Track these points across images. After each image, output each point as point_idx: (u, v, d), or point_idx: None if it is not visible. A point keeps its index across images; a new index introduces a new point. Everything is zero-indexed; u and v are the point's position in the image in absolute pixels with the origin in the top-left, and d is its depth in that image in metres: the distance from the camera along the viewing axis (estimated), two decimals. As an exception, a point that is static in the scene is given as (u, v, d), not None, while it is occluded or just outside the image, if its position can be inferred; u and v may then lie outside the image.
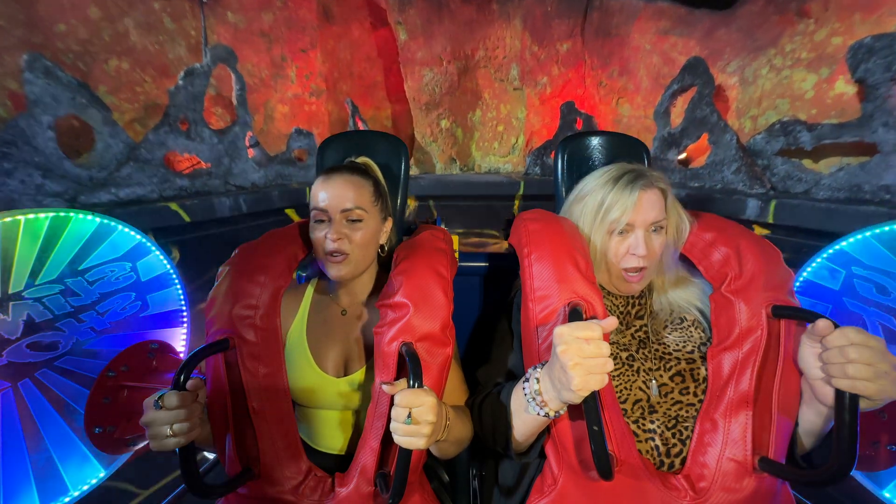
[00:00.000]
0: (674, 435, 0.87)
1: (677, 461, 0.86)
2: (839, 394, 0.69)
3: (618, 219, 0.93)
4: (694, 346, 0.92)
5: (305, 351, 1.00)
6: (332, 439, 0.99)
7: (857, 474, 1.16)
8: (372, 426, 0.88)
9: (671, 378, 0.90)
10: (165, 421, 0.76)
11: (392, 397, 0.74)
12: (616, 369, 0.91)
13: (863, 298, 1.26)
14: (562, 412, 0.77)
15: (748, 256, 0.91)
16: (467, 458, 1.12)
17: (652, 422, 0.88)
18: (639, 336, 0.95)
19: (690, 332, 0.94)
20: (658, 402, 0.88)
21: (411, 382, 0.75)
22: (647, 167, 1.01)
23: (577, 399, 0.69)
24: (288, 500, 0.89)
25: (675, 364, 0.91)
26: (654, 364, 0.91)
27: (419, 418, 0.72)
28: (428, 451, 0.91)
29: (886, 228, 1.21)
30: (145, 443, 1.20)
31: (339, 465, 0.97)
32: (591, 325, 0.69)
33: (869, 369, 0.67)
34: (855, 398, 0.68)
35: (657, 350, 0.93)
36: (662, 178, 0.97)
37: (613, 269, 0.96)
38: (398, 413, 0.72)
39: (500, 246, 2.82)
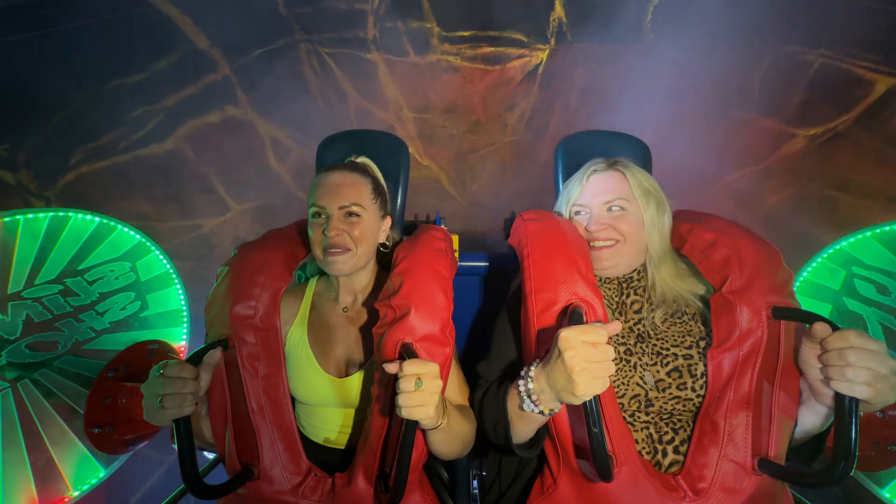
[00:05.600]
0: (667, 424, 0.86)
1: (670, 448, 0.85)
2: (839, 396, 0.68)
3: (569, 199, 1.02)
4: (693, 342, 0.90)
5: (308, 351, 0.98)
6: (333, 435, 0.98)
7: (857, 474, 1.15)
8: (372, 426, 0.86)
9: (668, 374, 0.88)
10: (160, 389, 0.73)
11: (394, 398, 0.72)
12: (613, 360, 0.90)
13: (863, 298, 1.24)
14: (556, 409, 0.76)
15: (748, 257, 0.89)
16: (467, 457, 1.10)
17: (647, 414, 0.87)
18: (637, 329, 0.94)
19: (690, 325, 0.93)
20: (656, 397, 0.87)
21: None
22: (623, 157, 1.03)
23: (577, 401, 0.68)
24: (288, 501, 0.87)
25: (672, 360, 0.89)
26: (651, 359, 0.90)
27: (428, 383, 0.71)
28: (429, 450, 0.89)
29: (887, 228, 1.19)
30: (145, 443, 1.18)
31: (339, 460, 0.96)
32: (597, 328, 0.68)
33: (868, 373, 0.66)
34: (855, 401, 0.67)
35: (654, 345, 0.91)
36: (629, 164, 1.00)
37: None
38: (407, 382, 0.71)
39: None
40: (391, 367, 0.74)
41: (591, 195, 0.98)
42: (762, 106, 2.60)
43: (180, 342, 1.47)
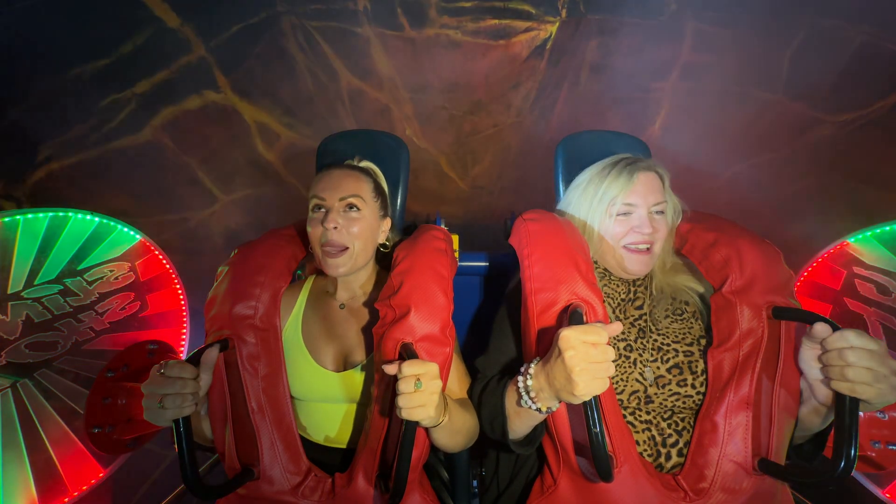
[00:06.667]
0: (669, 426, 0.92)
1: (673, 451, 0.90)
2: (839, 396, 0.73)
3: (615, 198, 0.99)
4: (693, 339, 0.97)
5: (301, 345, 1.05)
6: (333, 433, 1.04)
7: (856, 474, 1.22)
8: (372, 426, 0.92)
9: (668, 370, 0.94)
10: (160, 389, 0.79)
11: (394, 398, 0.78)
12: (613, 360, 0.95)
13: (863, 298, 1.30)
14: (554, 408, 0.81)
15: (749, 257, 0.95)
16: (467, 457, 1.17)
17: (648, 412, 0.93)
18: (638, 325, 1.00)
19: (690, 323, 0.99)
20: (655, 393, 0.93)
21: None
22: (650, 159, 1.06)
23: (577, 401, 0.73)
24: (288, 501, 0.93)
25: (672, 356, 0.95)
26: (652, 355, 0.96)
27: (427, 383, 0.77)
28: (431, 447, 0.96)
29: (888, 228, 1.24)
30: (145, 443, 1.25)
31: (340, 460, 1.01)
32: (597, 329, 0.73)
33: (868, 373, 0.71)
34: (855, 401, 0.72)
35: (655, 341, 0.97)
36: (660, 165, 1.03)
37: (616, 249, 1.01)
38: (407, 384, 0.76)
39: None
40: (390, 369, 0.80)
41: (642, 195, 0.99)
42: (790, 87, 2.56)
43: (180, 342, 1.54)
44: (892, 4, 2.34)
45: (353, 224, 1.02)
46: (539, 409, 0.81)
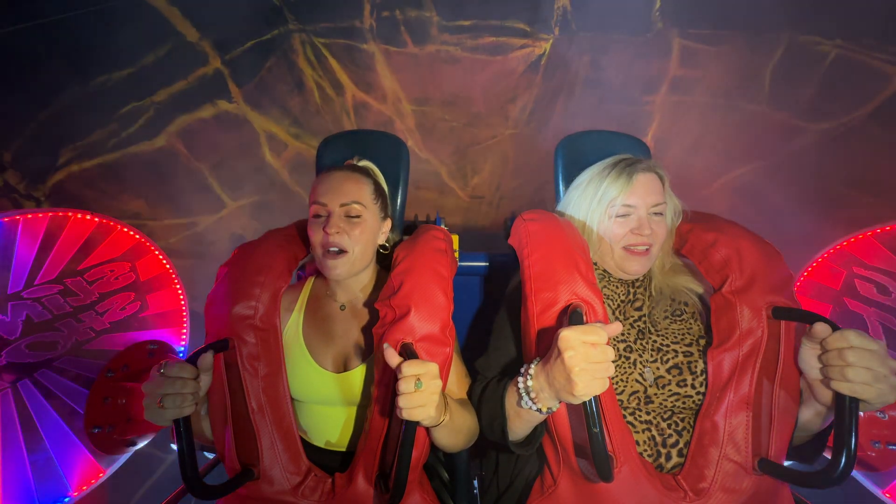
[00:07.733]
0: (669, 426, 0.88)
1: (673, 451, 0.87)
2: (839, 396, 0.70)
3: (614, 199, 0.96)
4: (693, 339, 0.93)
5: (301, 346, 1.01)
6: (333, 436, 1.00)
7: (856, 474, 1.18)
8: (372, 426, 0.89)
9: (668, 371, 0.91)
10: (160, 389, 0.76)
11: (395, 398, 0.75)
12: (613, 361, 0.91)
13: (863, 298, 1.27)
14: (554, 408, 0.78)
15: (749, 257, 0.92)
16: (467, 457, 1.13)
17: (648, 413, 0.89)
18: (638, 326, 0.96)
19: (690, 324, 0.95)
20: (655, 393, 0.90)
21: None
22: (651, 159, 1.03)
23: (576, 401, 0.70)
24: (288, 501, 0.90)
25: (672, 357, 0.92)
26: (651, 356, 0.93)
27: (427, 383, 0.73)
28: (431, 447, 0.93)
29: (887, 228, 1.22)
30: (145, 442, 1.21)
31: (339, 463, 0.98)
32: (597, 329, 0.70)
33: (868, 373, 0.68)
34: (855, 401, 0.69)
35: (655, 342, 0.94)
36: (660, 166, 1.00)
37: (615, 250, 0.97)
38: (407, 384, 0.73)
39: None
40: (391, 355, 0.76)
41: (640, 196, 0.95)
42: (773, 98, 2.60)
43: (180, 342, 1.50)
44: (860, 21, 2.41)
45: (355, 228, 0.98)
46: (539, 410, 0.78)
